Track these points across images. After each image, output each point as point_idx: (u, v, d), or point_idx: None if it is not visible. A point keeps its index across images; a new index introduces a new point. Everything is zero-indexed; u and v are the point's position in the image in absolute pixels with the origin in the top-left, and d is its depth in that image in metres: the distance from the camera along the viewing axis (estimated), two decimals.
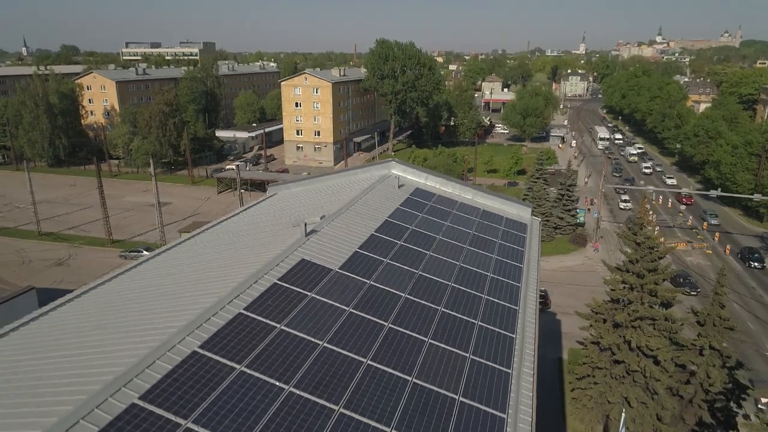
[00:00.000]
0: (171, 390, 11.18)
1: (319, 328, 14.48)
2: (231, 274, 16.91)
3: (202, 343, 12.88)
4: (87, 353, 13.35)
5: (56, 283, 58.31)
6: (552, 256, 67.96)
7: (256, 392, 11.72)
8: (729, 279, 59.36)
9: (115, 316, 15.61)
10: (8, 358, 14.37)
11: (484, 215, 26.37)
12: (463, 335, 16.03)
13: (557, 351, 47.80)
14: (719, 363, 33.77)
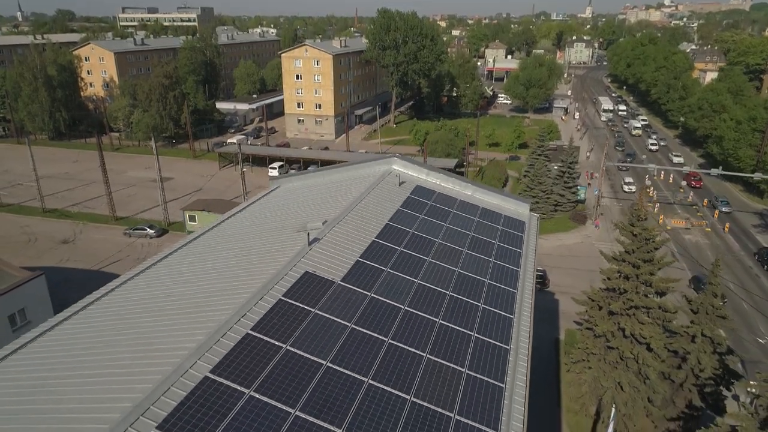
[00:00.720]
0: (186, 419, 12.04)
1: (322, 347, 15.28)
2: (238, 288, 17.63)
3: (213, 367, 13.70)
4: (104, 374, 14.19)
5: (63, 262, 59.34)
6: (551, 234, 68.71)
7: (265, 417, 12.59)
8: (733, 268, 60.20)
9: (126, 332, 16.40)
10: (29, 374, 15.23)
11: (483, 214, 26.93)
12: (460, 348, 16.85)
13: (554, 331, 48.98)
14: (710, 349, 34.81)
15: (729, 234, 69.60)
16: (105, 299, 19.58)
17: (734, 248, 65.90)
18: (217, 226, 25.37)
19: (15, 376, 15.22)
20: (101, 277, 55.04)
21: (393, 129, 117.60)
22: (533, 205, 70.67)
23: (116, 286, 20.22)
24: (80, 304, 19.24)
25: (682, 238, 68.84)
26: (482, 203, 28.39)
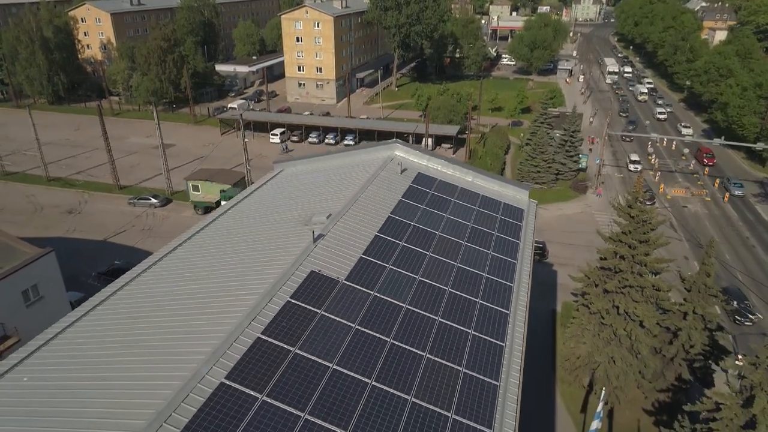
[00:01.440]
0: (205, 425, 13.20)
1: (328, 349, 16.36)
2: (246, 288, 18.59)
3: (228, 372, 14.80)
4: (126, 377, 15.31)
5: (70, 233, 60.42)
6: (552, 204, 69.42)
7: (277, 421, 13.75)
8: (730, 239, 61.07)
9: (143, 332, 17.46)
10: (53, 374, 16.36)
11: (483, 202, 27.65)
12: (458, 346, 17.94)
13: (551, 303, 50.32)
14: (701, 326, 36.12)
15: (728, 203, 70.24)
16: (117, 296, 20.57)
17: (732, 218, 66.68)
18: (222, 215, 26.15)
19: (40, 376, 16.37)
20: (108, 249, 56.30)
21: (395, 92, 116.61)
22: (535, 174, 71.40)
23: (127, 282, 21.19)
24: (95, 301, 20.24)
25: (680, 206, 69.51)
26: (482, 190, 29.06)
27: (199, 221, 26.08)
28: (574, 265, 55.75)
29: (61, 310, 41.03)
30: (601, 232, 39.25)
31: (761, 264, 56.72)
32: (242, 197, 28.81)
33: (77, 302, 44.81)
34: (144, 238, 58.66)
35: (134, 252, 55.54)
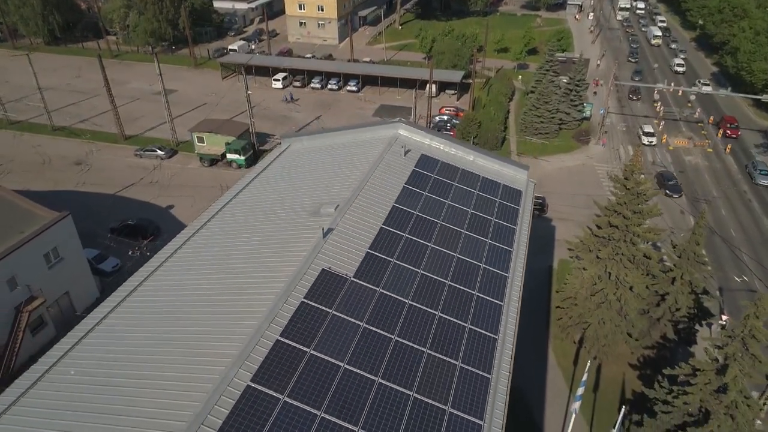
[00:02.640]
0: (236, 425, 15.52)
1: (339, 348, 18.52)
2: (264, 287, 20.52)
3: (253, 375, 17.02)
4: (163, 376, 17.54)
5: (79, 186, 62.01)
6: (554, 155, 70.39)
7: (297, 420, 16.08)
8: (728, 194, 62.25)
9: (170, 331, 19.57)
10: (94, 370, 18.61)
11: (483, 185, 29.11)
12: (455, 341, 20.11)
13: (548, 259, 52.47)
14: (688, 290, 38.43)
15: (730, 155, 71.01)
16: (144, 287, 22.52)
17: (732, 171, 67.73)
18: (234, 200, 27.70)
19: (85, 370, 18.64)
20: (119, 203, 58.04)
21: (398, 31, 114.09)
22: (538, 125, 71.76)
23: (150, 273, 23.07)
24: (123, 293, 22.18)
25: (682, 158, 70.41)
26: (483, 171, 30.40)
27: (210, 209, 27.67)
28: (573, 219, 57.66)
29: (81, 269, 43.60)
30: (598, 202, 40.71)
31: (756, 219, 58.37)
32: (254, 176, 30.21)
33: (94, 259, 47.34)
34: (153, 192, 60.30)
35: (144, 207, 57.37)
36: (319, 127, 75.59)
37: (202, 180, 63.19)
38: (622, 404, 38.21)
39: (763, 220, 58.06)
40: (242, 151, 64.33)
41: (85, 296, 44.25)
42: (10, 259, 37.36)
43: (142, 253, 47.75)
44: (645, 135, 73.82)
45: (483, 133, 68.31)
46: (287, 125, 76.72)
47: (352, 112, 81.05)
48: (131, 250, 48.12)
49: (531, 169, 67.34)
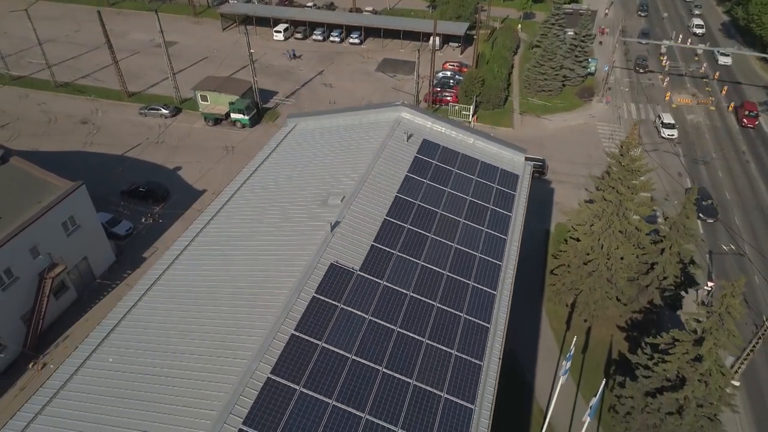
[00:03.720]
0: (260, 414, 18.07)
1: (347, 341, 20.88)
2: (278, 281, 22.67)
3: (272, 368, 19.44)
4: (190, 368, 19.97)
5: (87, 146, 63.42)
6: (556, 114, 71.09)
7: (311, 408, 18.62)
8: (727, 154, 63.22)
9: (193, 322, 21.88)
10: (129, 359, 21.06)
11: (482, 170, 30.75)
12: (452, 330, 22.46)
13: (546, 223, 54.53)
14: (676, 260, 40.66)
15: (732, 113, 71.54)
16: (166, 277, 24.70)
17: (733, 130, 68.55)
18: (245, 185, 29.43)
19: (122, 359, 21.11)
20: (127, 164, 59.51)
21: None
22: (542, 82, 71.95)
23: (170, 264, 25.13)
24: (146, 284, 24.35)
25: (684, 117, 71.04)
26: (482, 154, 31.94)
27: (221, 193, 29.32)
28: (572, 182, 59.35)
29: (96, 235, 45.87)
30: (593, 175, 42.23)
31: (751, 181, 59.76)
32: (263, 159, 31.78)
33: (108, 223, 49.50)
34: (160, 154, 61.71)
35: (152, 169, 58.95)
36: (320, 82, 75.88)
37: (207, 140, 64.43)
38: (608, 365, 41.37)
39: (759, 183, 59.51)
40: (246, 111, 65.20)
41: (102, 260, 46.74)
42: (31, 230, 39.47)
43: (155, 221, 49.93)
44: (665, 126, 65.75)
45: (486, 92, 68.78)
46: (290, 81, 76.98)
47: (355, 67, 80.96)
48: (144, 217, 50.24)
49: (533, 128, 68.78)
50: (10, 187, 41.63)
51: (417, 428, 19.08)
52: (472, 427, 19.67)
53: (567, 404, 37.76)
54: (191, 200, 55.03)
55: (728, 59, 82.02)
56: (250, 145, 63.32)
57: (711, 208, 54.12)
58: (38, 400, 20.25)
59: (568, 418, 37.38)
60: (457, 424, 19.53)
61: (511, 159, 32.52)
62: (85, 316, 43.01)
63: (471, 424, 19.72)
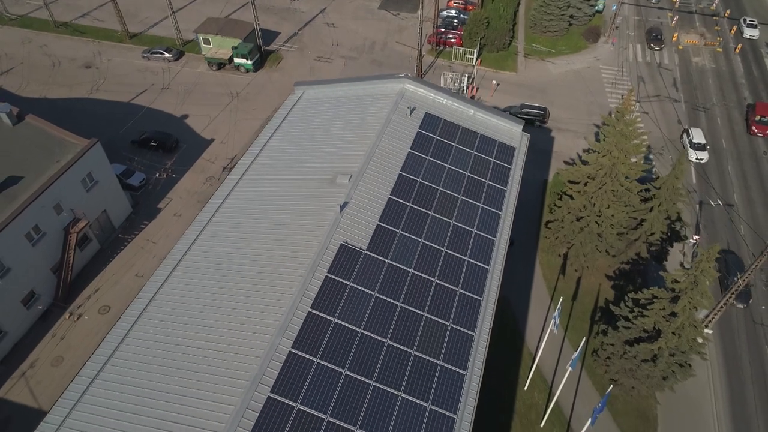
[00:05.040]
0: (284, 383, 21.68)
1: (357, 316, 24.22)
2: (293, 260, 25.69)
3: (293, 342, 22.89)
4: (220, 341, 23.40)
5: (93, 93, 64.77)
6: (561, 57, 71.45)
7: (327, 377, 22.21)
8: (728, 99, 64.08)
9: (220, 298, 25.15)
10: (167, 330, 24.48)
11: (480, 144, 33.03)
12: (448, 304, 25.76)
13: (544, 173, 56.89)
14: (664, 217, 43.53)
15: (738, 55, 71.72)
16: (192, 252, 27.72)
17: (737, 74, 69.14)
18: (256, 161, 31.83)
19: (161, 330, 24.55)
20: (134, 112, 61.16)
21: None
22: (547, 23, 71.66)
23: (193, 241, 28.06)
24: (171, 262, 27.38)
25: (689, 59, 71.30)
26: (481, 126, 34.08)
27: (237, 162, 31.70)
28: (573, 130, 61.08)
29: (113, 189, 48.66)
30: (589, 139, 44.16)
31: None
32: (273, 130, 33.91)
33: (122, 175, 52.12)
34: (166, 101, 63.11)
35: (159, 117, 60.63)
36: (323, 22, 75.54)
37: (211, 86, 65.59)
38: (595, 312, 45.30)
39: None
40: (249, 56, 65.85)
41: (120, 212, 49.85)
42: (53, 188, 42.27)
43: (168, 175, 52.51)
44: (694, 147, 56.43)
45: (490, 33, 68.81)
46: (291, 21, 76.61)
47: (358, 4, 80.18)
48: (157, 172, 52.77)
49: (536, 72, 69.58)
50: (28, 146, 43.88)
51: (417, 393, 22.81)
52: (463, 390, 23.39)
53: (554, 348, 41.91)
54: (200, 150, 57.27)
55: (755, 32, 73.66)
56: (254, 92, 64.68)
57: (745, 294, 45.83)
58: (92, 366, 24.00)
59: (554, 360, 41.72)
60: (452, 389, 23.25)
61: (508, 130, 34.61)
62: (109, 265, 46.69)
63: (463, 388, 23.43)
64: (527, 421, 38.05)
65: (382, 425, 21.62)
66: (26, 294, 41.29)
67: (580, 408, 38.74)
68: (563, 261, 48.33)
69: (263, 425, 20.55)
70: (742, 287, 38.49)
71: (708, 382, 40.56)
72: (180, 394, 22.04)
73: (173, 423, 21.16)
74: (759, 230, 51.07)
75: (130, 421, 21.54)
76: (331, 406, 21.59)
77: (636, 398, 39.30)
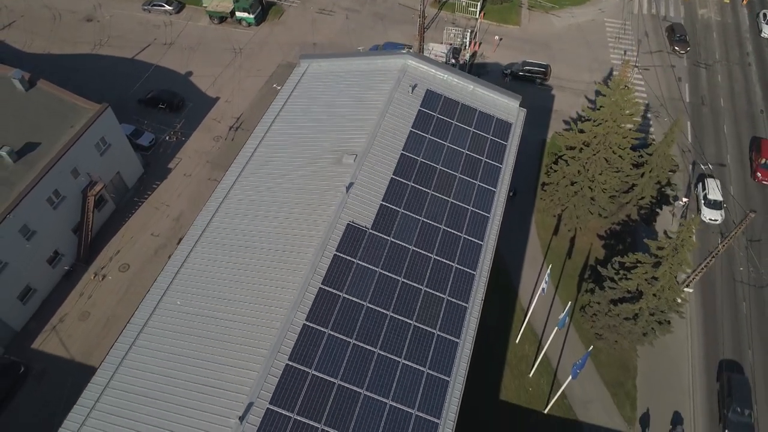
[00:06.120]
0: (299, 351, 25.11)
1: (363, 291, 27.37)
2: (303, 239, 28.54)
3: (306, 316, 26.13)
4: (241, 312, 26.61)
5: (97, 48, 65.71)
6: (565, 9, 71.60)
7: (337, 346, 25.61)
8: (730, 54, 64.58)
9: (237, 273, 28.21)
10: (191, 302, 27.69)
11: (479, 121, 35.16)
12: (445, 278, 28.84)
13: (543, 132, 58.76)
14: (654, 182, 46.03)
15: (745, 7, 71.66)
16: (210, 229, 30.56)
17: (743, 27, 69.50)
18: (266, 137, 34.12)
19: (186, 302, 27.77)
20: (139, 68, 62.36)
21: None
22: None
23: (208, 222, 30.80)
24: (191, 241, 30.25)
25: (695, 12, 71.40)
26: (480, 102, 36.15)
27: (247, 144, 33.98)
28: (573, 88, 62.40)
29: (125, 151, 51.00)
30: (586, 109, 45.87)
31: (749, 88, 62.43)
32: (280, 107, 35.94)
33: (132, 135, 54.24)
34: (170, 57, 64.11)
35: (164, 74, 61.87)
36: None
37: (214, 41, 66.42)
38: (584, 270, 48.63)
39: (756, 89, 62.23)
40: (251, 9, 66.20)
41: (132, 173, 52.49)
42: (70, 154, 44.68)
43: (178, 138, 54.61)
44: (708, 206, 49.94)
45: None
46: None
47: None
48: (167, 135, 54.84)
49: (540, 26, 70.11)
50: (41, 111, 45.85)
51: (416, 359, 26.32)
52: (457, 355, 26.86)
53: (545, 304, 45.49)
54: (206, 109, 59.05)
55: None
56: (257, 47, 65.56)
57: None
58: (129, 333, 27.51)
59: (545, 316, 45.42)
60: (446, 355, 26.74)
61: (506, 105, 36.62)
62: (125, 225, 49.74)
63: (456, 354, 26.89)
64: (518, 371, 42.13)
65: (385, 387, 25.23)
66: (51, 254, 44.51)
67: (566, 360, 42.73)
68: (557, 221, 51.20)
69: (283, 388, 24.14)
70: (722, 251, 41.45)
71: (686, 337, 44.33)
72: (208, 361, 25.52)
73: (204, 386, 24.77)
74: (748, 192, 53.42)
75: (167, 383, 25.15)
76: (341, 372, 25.12)
77: (618, 351, 43.21)
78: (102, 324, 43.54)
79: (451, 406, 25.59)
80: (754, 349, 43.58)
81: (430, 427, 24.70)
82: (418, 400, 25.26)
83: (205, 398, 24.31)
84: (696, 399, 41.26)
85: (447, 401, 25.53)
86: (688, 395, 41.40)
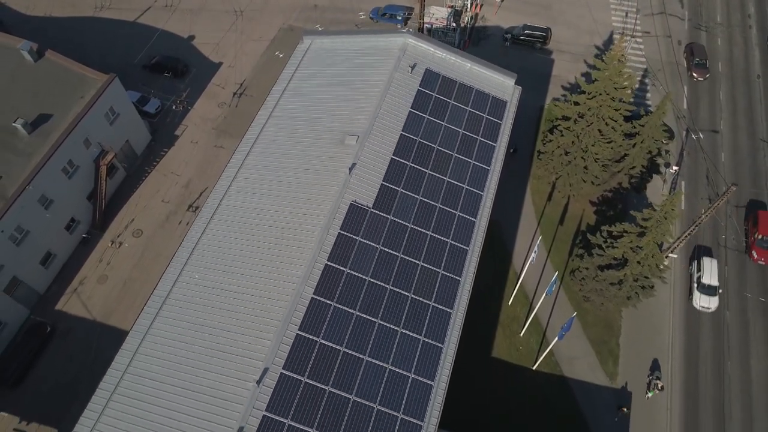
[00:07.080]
0: (308, 322, 28.32)
1: (365, 267, 30.31)
2: (310, 217, 31.20)
3: (314, 290, 29.20)
4: (253, 286, 29.57)
5: (98, 11, 66.30)
6: None
7: (342, 317, 28.76)
8: (731, 18, 64.99)
9: (248, 249, 31.07)
10: (207, 277, 30.63)
11: (475, 100, 37.21)
12: (440, 254, 31.73)
13: (541, 99, 60.30)
14: (644, 152, 48.24)
15: None
16: (223, 207, 33.17)
17: None
18: (272, 116, 36.25)
19: (203, 277, 30.70)
20: (142, 33, 63.33)
21: None
22: None
23: (220, 201, 33.36)
24: (205, 218, 32.93)
25: None
26: (477, 81, 38.07)
27: None
28: (572, 52, 63.48)
29: (133, 119, 53.01)
30: (580, 79, 47.44)
31: (747, 52, 63.43)
32: (285, 84, 37.86)
33: (138, 102, 56.05)
34: (170, 18, 64.83)
35: (167, 38, 62.91)
36: None
37: (215, 2, 66.81)
38: (576, 235, 51.47)
39: (754, 53, 63.21)
40: None
41: (141, 140, 54.71)
42: (82, 125, 46.77)
43: (184, 106, 56.40)
44: (701, 291, 45.92)
45: None
46: None
47: None
48: (173, 104, 56.59)
49: None
50: (51, 82, 47.60)
51: (413, 328, 29.62)
52: (450, 324, 30.05)
53: (537, 269, 48.54)
54: (209, 75, 60.50)
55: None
56: (257, 9, 66.12)
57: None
58: (153, 304, 30.68)
59: (536, 279, 48.58)
60: (440, 324, 29.94)
61: (501, 84, 38.56)
62: (136, 192, 52.32)
63: (449, 323, 30.09)
64: (509, 331, 45.64)
65: (385, 354, 28.58)
66: (68, 221, 47.30)
67: (555, 320, 46.11)
68: (552, 188, 53.66)
69: (294, 355, 27.48)
70: (706, 219, 44.09)
71: (669, 299, 47.56)
72: (226, 330, 28.79)
73: (222, 353, 28.14)
74: (738, 158, 55.59)
75: (190, 350, 28.50)
76: (346, 340, 28.38)
77: (604, 312, 46.57)
78: (120, 287, 46.84)
79: (444, 369, 29.01)
80: None
81: (425, 388, 28.14)
82: (415, 364, 28.64)
83: (225, 364, 27.68)
84: (674, 354, 44.78)
85: (440, 365, 28.93)
86: (668, 352, 44.91)
